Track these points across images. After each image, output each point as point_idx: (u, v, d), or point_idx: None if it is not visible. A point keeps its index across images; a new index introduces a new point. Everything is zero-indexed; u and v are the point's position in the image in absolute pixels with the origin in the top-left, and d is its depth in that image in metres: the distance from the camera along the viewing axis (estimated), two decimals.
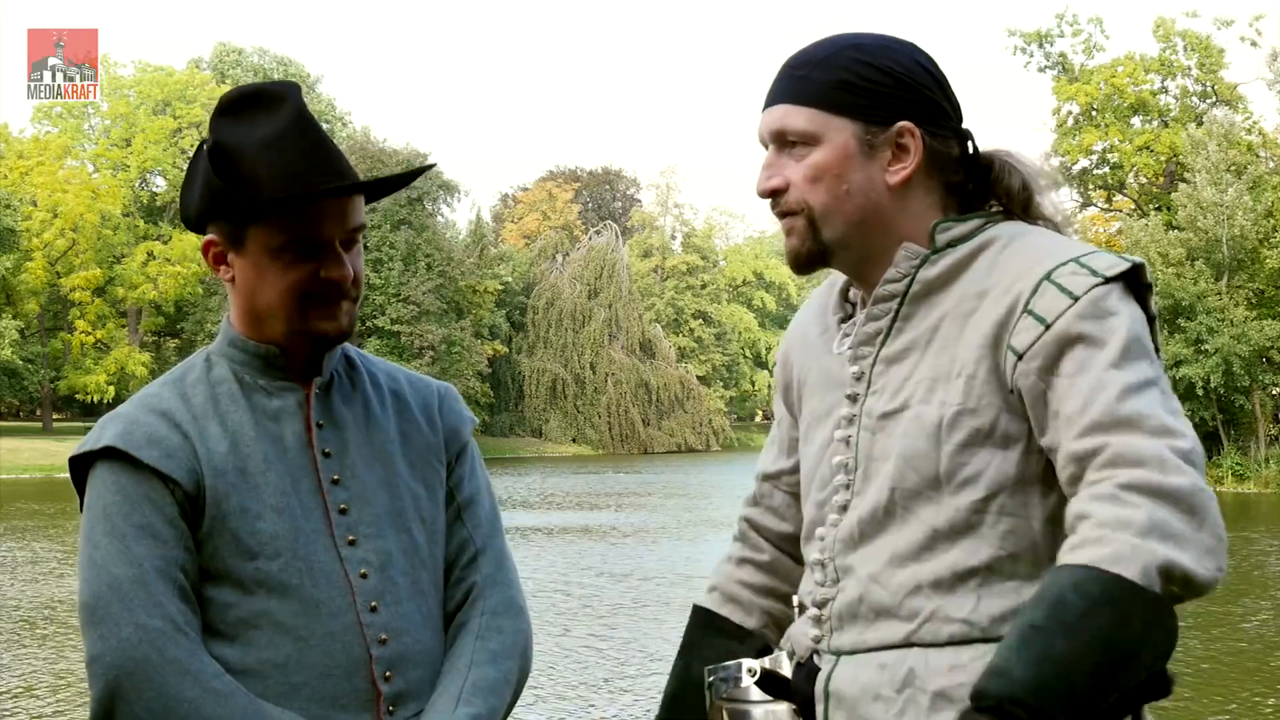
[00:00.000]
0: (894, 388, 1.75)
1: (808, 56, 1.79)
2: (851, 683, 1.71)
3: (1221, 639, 11.82)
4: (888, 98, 1.74)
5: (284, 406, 1.96)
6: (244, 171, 1.87)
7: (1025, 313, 1.65)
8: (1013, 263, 1.70)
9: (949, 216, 1.78)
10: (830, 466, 1.81)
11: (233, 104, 1.93)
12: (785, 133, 1.76)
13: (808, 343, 1.93)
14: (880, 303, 1.78)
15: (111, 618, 1.81)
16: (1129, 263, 1.66)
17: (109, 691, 1.80)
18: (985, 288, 1.70)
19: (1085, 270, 1.65)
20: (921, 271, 1.75)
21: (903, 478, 1.71)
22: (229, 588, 1.88)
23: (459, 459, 2.10)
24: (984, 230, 1.76)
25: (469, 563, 2.05)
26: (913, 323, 1.75)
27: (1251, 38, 42.66)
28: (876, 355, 1.78)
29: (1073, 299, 1.63)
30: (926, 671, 1.66)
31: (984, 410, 1.67)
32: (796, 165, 1.76)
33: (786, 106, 1.77)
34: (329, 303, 1.92)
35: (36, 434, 50.96)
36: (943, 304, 1.73)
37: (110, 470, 1.88)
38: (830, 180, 1.74)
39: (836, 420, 1.81)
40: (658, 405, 62.89)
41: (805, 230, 1.77)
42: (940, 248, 1.75)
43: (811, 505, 1.85)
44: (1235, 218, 35.28)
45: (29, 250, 51.73)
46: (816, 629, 1.79)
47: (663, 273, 74.63)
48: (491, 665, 1.98)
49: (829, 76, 1.75)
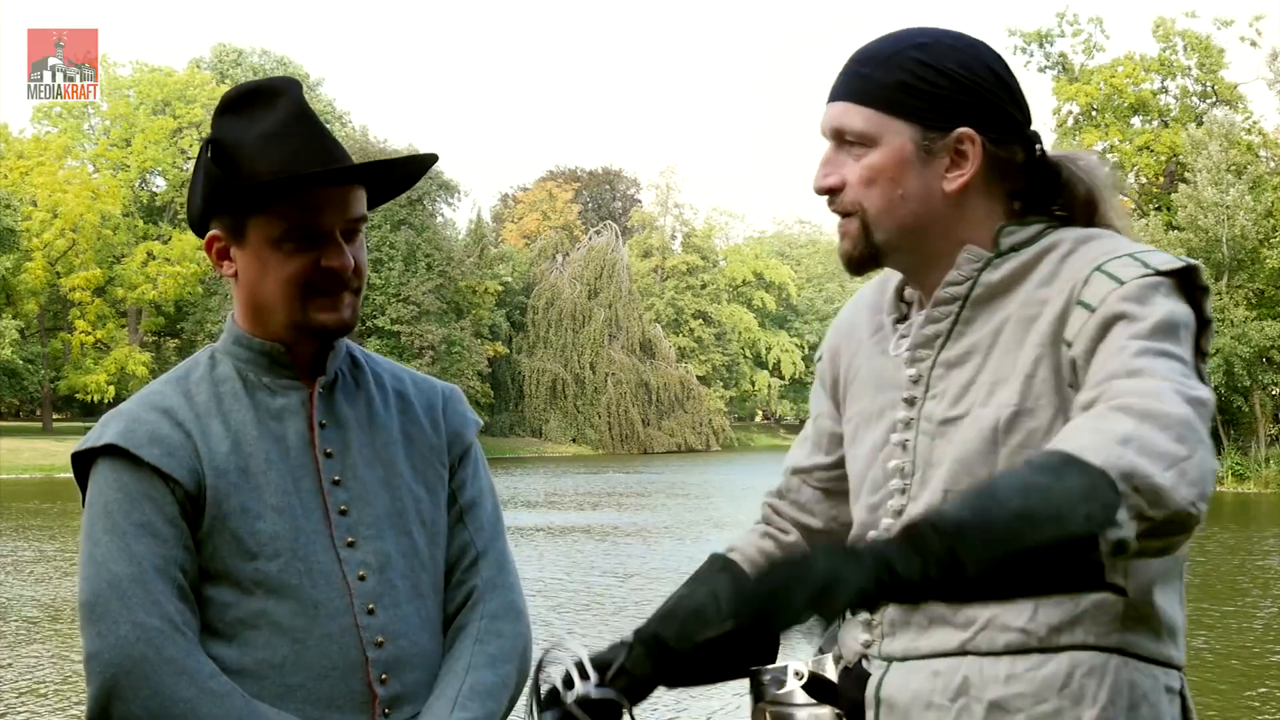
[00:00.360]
0: (955, 393, 1.71)
1: (872, 53, 1.74)
2: (903, 689, 1.69)
3: (1223, 637, 11.82)
4: (948, 102, 1.69)
5: (287, 405, 1.96)
6: (243, 164, 1.87)
7: (1077, 304, 1.62)
8: (1072, 265, 1.67)
9: (1013, 220, 1.74)
10: (885, 470, 1.78)
11: (233, 101, 1.94)
12: (843, 131, 1.72)
13: (858, 339, 1.89)
14: (940, 305, 1.74)
15: (110, 615, 1.80)
16: (1184, 262, 1.63)
17: (106, 689, 1.80)
18: (1048, 293, 1.67)
19: (1137, 262, 1.62)
20: (984, 275, 1.71)
21: (956, 481, 1.67)
22: (228, 588, 1.87)
23: (462, 461, 2.09)
24: (1047, 235, 1.72)
25: (470, 566, 2.04)
26: (974, 326, 1.72)
27: (1251, 38, 42.67)
28: (935, 358, 1.74)
29: (1119, 283, 1.60)
30: (982, 680, 1.64)
31: (1040, 411, 1.64)
32: (853, 165, 1.72)
33: (846, 104, 1.72)
34: (330, 293, 1.91)
35: (36, 434, 50.96)
36: (1005, 308, 1.70)
37: (112, 468, 1.88)
38: (885, 184, 1.70)
39: (891, 423, 1.78)
40: (658, 405, 62.90)
41: (858, 233, 1.73)
42: (1004, 251, 1.72)
43: (863, 508, 1.82)
44: (1236, 218, 35.28)
45: (29, 250, 51.73)
46: (867, 634, 1.77)
47: (663, 273, 74.64)
48: (489, 669, 1.97)
49: (889, 76, 1.70)
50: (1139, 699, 1.63)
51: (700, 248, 76.43)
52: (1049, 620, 1.63)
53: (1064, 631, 1.63)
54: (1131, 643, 1.64)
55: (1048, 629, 1.63)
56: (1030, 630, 1.63)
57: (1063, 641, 1.63)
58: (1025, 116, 1.75)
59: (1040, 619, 1.63)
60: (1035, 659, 1.62)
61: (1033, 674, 1.62)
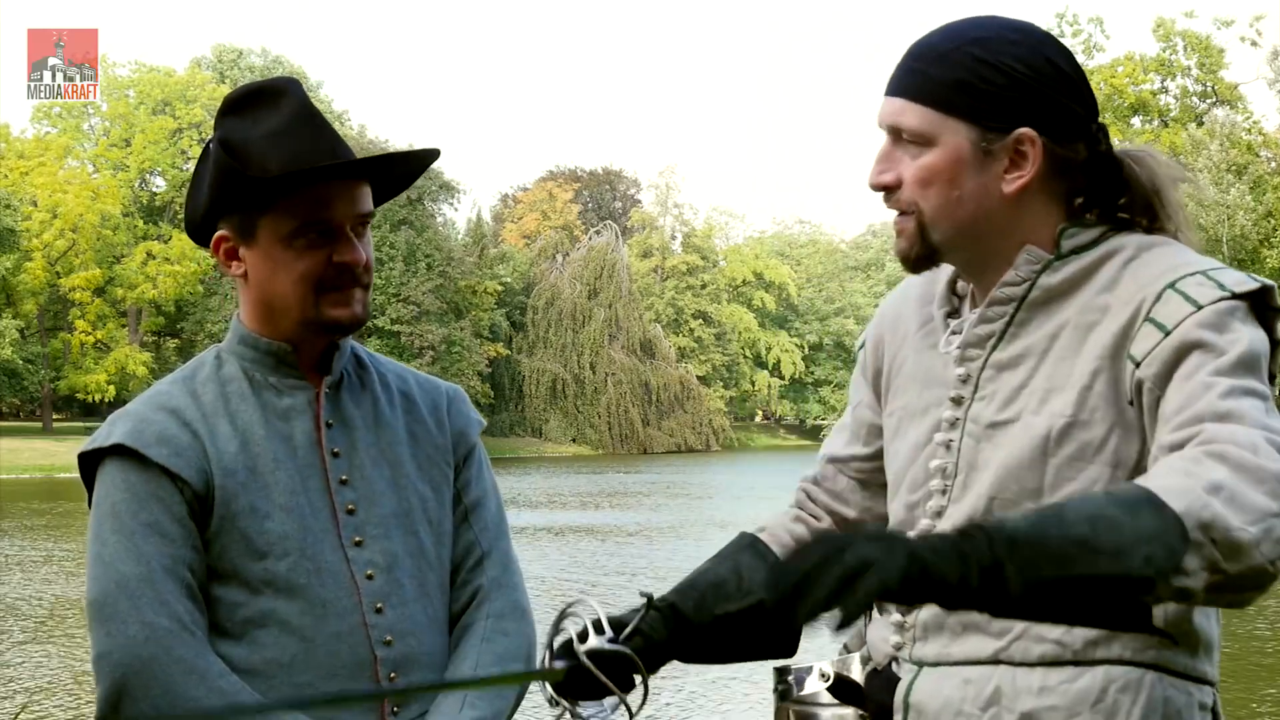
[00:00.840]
0: (1005, 396, 1.68)
1: (929, 47, 1.67)
2: (934, 695, 1.67)
3: (1230, 636, 11.82)
4: (1007, 102, 1.63)
5: (294, 405, 1.96)
6: (252, 162, 1.88)
7: (1147, 320, 1.57)
8: (1138, 275, 1.63)
9: (1075, 221, 1.69)
10: (926, 469, 1.74)
11: (236, 102, 1.94)
12: (899, 129, 1.67)
13: (904, 331, 1.85)
14: (995, 305, 1.70)
15: (119, 615, 1.81)
16: (1258, 283, 1.59)
17: (115, 689, 1.80)
18: (1109, 300, 1.63)
19: (1212, 283, 1.57)
20: (1043, 277, 1.67)
21: (1003, 488, 1.64)
22: (236, 587, 1.88)
23: (466, 461, 2.09)
24: (1108, 238, 1.68)
25: (475, 565, 2.05)
26: (1029, 329, 1.68)
27: (1251, 38, 42.68)
28: (986, 359, 1.70)
29: (1196, 307, 1.55)
30: (1014, 691, 1.62)
31: (1096, 424, 1.61)
32: (910, 163, 1.66)
33: (903, 102, 1.66)
34: (342, 288, 1.92)
35: (36, 434, 50.93)
36: (1063, 313, 1.66)
37: (119, 468, 1.88)
38: (941, 185, 1.64)
39: (936, 421, 1.74)
40: (658, 405, 62.86)
41: (915, 232, 1.68)
42: (1064, 254, 1.67)
43: (901, 506, 1.79)
44: (1236, 218, 35.29)
45: (29, 250, 51.71)
46: (898, 636, 1.75)
47: (663, 273, 74.61)
48: (496, 668, 1.98)
49: (947, 74, 1.64)
50: (1173, 715, 1.60)
51: (700, 248, 76.38)
52: (1085, 634, 1.60)
53: (1100, 645, 1.60)
54: (1168, 659, 1.60)
55: (1084, 642, 1.60)
56: (1066, 643, 1.60)
57: (1098, 655, 1.60)
58: (1089, 110, 1.69)
59: (1077, 632, 1.59)
60: (1069, 672, 1.60)
61: (1066, 687, 1.59)
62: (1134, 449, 1.60)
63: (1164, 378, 1.54)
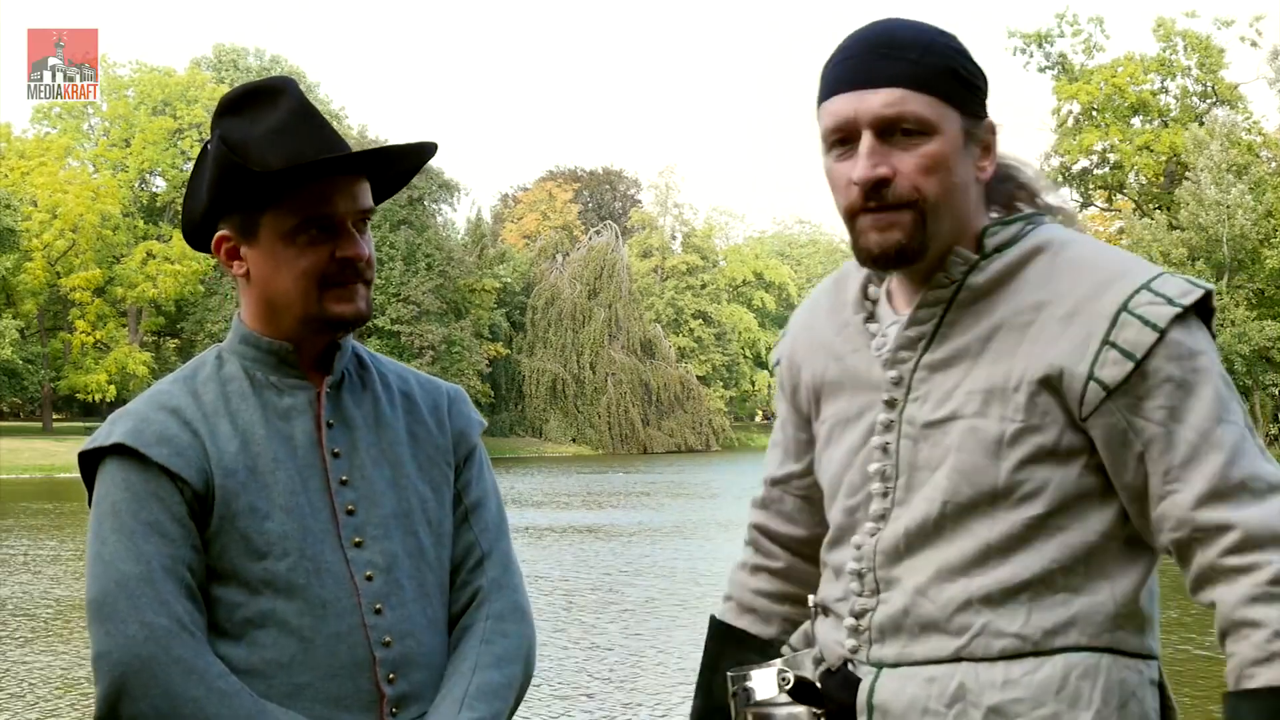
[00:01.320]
0: (939, 396, 1.70)
1: (903, 40, 1.68)
2: (898, 695, 1.69)
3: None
4: (982, 92, 1.71)
5: (295, 405, 1.96)
6: (253, 159, 1.88)
7: (1108, 345, 1.62)
8: (1073, 276, 1.66)
9: (994, 220, 1.74)
10: (864, 473, 1.77)
11: (234, 102, 1.94)
12: (903, 119, 1.66)
13: (822, 342, 1.87)
14: (925, 307, 1.73)
15: (118, 615, 1.81)
16: (1201, 290, 1.64)
17: (115, 689, 1.80)
18: (1042, 299, 1.66)
19: (1161, 299, 1.62)
20: (970, 278, 1.71)
21: (956, 491, 1.67)
22: (235, 587, 1.88)
23: (467, 461, 2.09)
24: (1028, 235, 1.72)
25: (475, 566, 2.05)
26: (959, 329, 1.71)
27: (1251, 38, 42.69)
28: (918, 361, 1.73)
29: (1157, 332, 1.61)
30: (979, 686, 1.64)
31: (1048, 427, 1.65)
32: (905, 155, 1.67)
33: (901, 91, 1.66)
34: (345, 284, 1.92)
35: (36, 434, 50.95)
36: (994, 313, 1.69)
37: (119, 467, 1.88)
38: (945, 172, 1.67)
39: (870, 425, 1.77)
40: (658, 405, 62.87)
41: (911, 224, 1.68)
42: (988, 253, 1.71)
43: (840, 511, 1.81)
44: (1236, 217, 35.31)
45: (29, 250, 51.73)
46: (854, 639, 1.76)
47: (663, 273, 74.63)
48: (495, 669, 1.98)
49: (941, 64, 1.67)
50: (1128, 695, 1.65)
51: (700, 248, 76.42)
52: (1043, 624, 1.64)
53: (1058, 634, 1.64)
54: (1120, 640, 1.66)
55: (1042, 633, 1.64)
56: (1025, 635, 1.64)
57: (1057, 644, 1.64)
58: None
59: (1034, 623, 1.64)
60: (1031, 663, 1.63)
61: (1029, 678, 1.63)
62: (1083, 443, 1.66)
63: (1133, 409, 1.62)
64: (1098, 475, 1.66)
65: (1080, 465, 1.66)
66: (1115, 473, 1.65)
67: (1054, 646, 1.64)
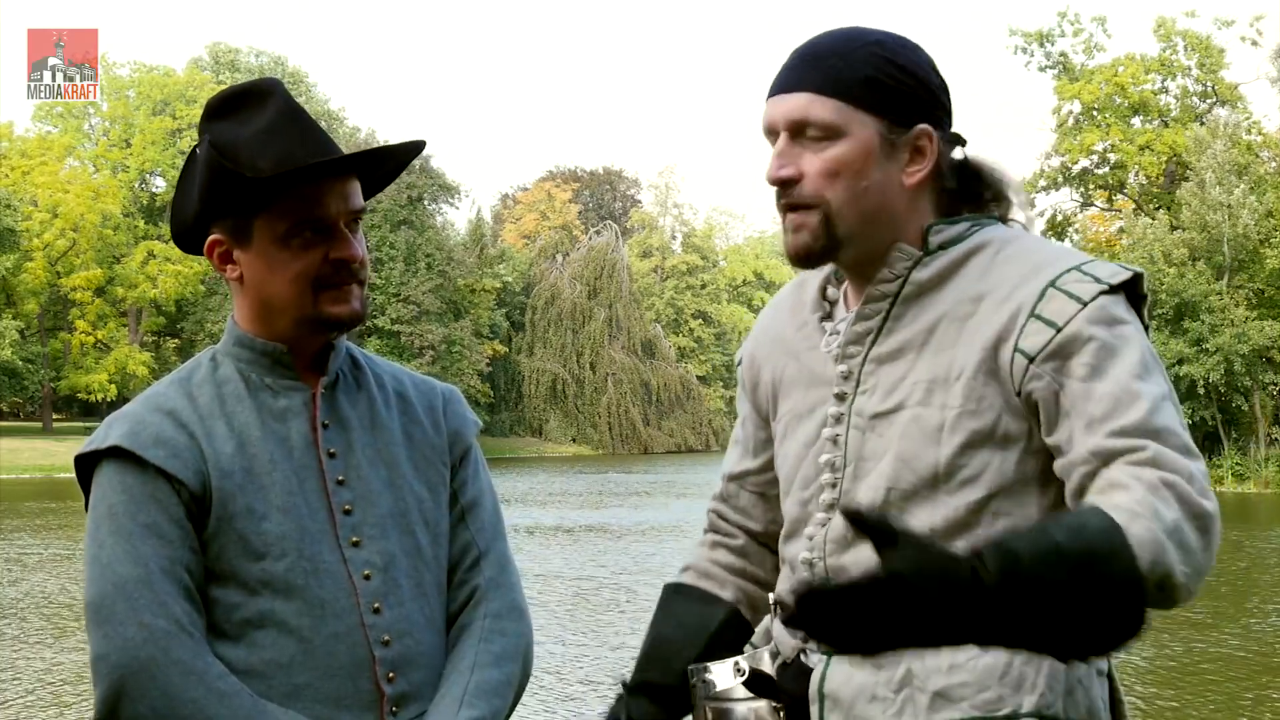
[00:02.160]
0: (886, 388, 1.74)
1: (828, 47, 1.75)
2: (846, 683, 1.72)
3: (1225, 639, 11.83)
4: (910, 98, 1.73)
5: (290, 406, 1.96)
6: (243, 163, 1.88)
7: (1033, 317, 1.65)
8: (1010, 267, 1.71)
9: (940, 219, 1.78)
10: (816, 465, 1.81)
11: (221, 105, 1.95)
12: (807, 123, 1.72)
13: (780, 341, 1.92)
14: (872, 302, 1.77)
15: (116, 617, 1.81)
16: (1130, 272, 1.68)
17: (114, 691, 1.80)
18: (982, 291, 1.71)
19: (1089, 278, 1.66)
20: (915, 273, 1.75)
21: (899, 478, 1.71)
22: (234, 588, 1.88)
23: (463, 461, 2.10)
24: (974, 233, 1.76)
25: (472, 565, 2.05)
26: (904, 323, 1.75)
27: (1252, 38, 42.67)
28: (866, 354, 1.77)
29: (1081, 304, 1.64)
30: (924, 671, 1.67)
31: (985, 412, 1.68)
32: (813, 157, 1.72)
33: (810, 96, 1.72)
34: (340, 285, 1.92)
35: (36, 434, 50.95)
36: (937, 306, 1.73)
37: (116, 469, 1.88)
38: (850, 176, 1.71)
39: (822, 418, 1.81)
40: (658, 405, 62.89)
41: (819, 225, 1.74)
42: (933, 249, 1.75)
43: (794, 503, 1.85)
44: (1239, 218, 35.31)
45: (29, 250, 51.72)
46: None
47: (663, 273, 74.66)
48: (494, 668, 1.98)
49: (855, 70, 1.71)
50: (1074, 683, 1.67)
51: (700, 248, 76.48)
52: None
53: None
54: None
55: None
56: None
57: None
58: (951, 117, 1.80)
59: None
60: (975, 649, 1.65)
61: (974, 663, 1.65)
62: (1022, 429, 1.68)
63: (1060, 371, 1.63)
64: (1036, 459, 1.68)
65: (1019, 451, 1.68)
66: (1047, 434, 1.66)
67: None
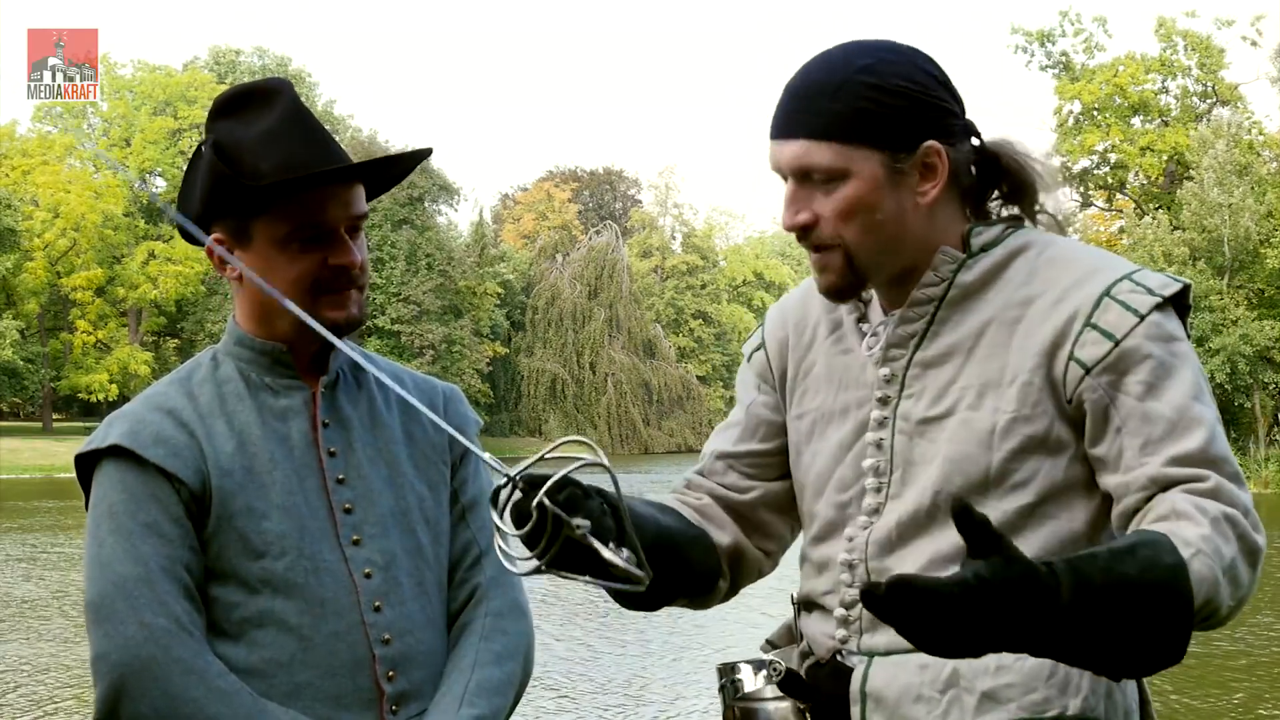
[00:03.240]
0: (935, 392, 1.73)
1: (816, 85, 1.71)
2: (891, 683, 1.71)
3: (1226, 638, 11.83)
4: (908, 121, 1.69)
5: (291, 405, 1.96)
6: (245, 165, 1.87)
7: (1089, 326, 1.66)
8: (1057, 271, 1.71)
9: (980, 221, 1.77)
10: (857, 469, 1.79)
11: (228, 104, 1.94)
12: (811, 170, 1.70)
13: (812, 335, 1.90)
14: (916, 306, 1.76)
15: (117, 616, 1.81)
16: (1179, 284, 1.69)
17: (114, 690, 1.80)
18: (1030, 295, 1.70)
19: (1142, 289, 1.67)
20: (960, 276, 1.74)
21: (948, 481, 1.70)
22: (234, 587, 1.88)
23: (463, 460, 2.10)
24: (1010, 234, 1.76)
25: (473, 564, 2.05)
26: (950, 326, 1.74)
27: (1252, 38, 42.69)
28: (911, 358, 1.76)
29: (1138, 316, 1.65)
30: (971, 672, 1.67)
31: (1038, 418, 1.67)
32: (825, 199, 1.71)
33: (805, 143, 1.70)
34: (338, 290, 1.92)
35: (36, 434, 50.95)
36: (983, 310, 1.72)
37: (116, 468, 1.88)
38: (864, 213, 1.69)
39: (862, 422, 1.79)
40: (658, 405, 62.89)
41: (842, 265, 1.73)
42: (975, 252, 1.75)
43: (829, 506, 1.83)
44: (1239, 218, 35.31)
45: (30, 250, 51.72)
46: (843, 629, 1.78)
47: (663, 273, 74.64)
48: (495, 666, 1.98)
49: (846, 107, 1.68)
50: (1113, 685, 1.69)
51: (700, 248, 76.43)
52: None
53: None
54: None
55: None
56: None
57: None
58: (962, 108, 1.77)
59: None
60: None
61: (1021, 664, 1.65)
62: (1071, 436, 1.68)
63: (1115, 386, 1.64)
64: (1084, 466, 1.69)
65: (1068, 456, 1.69)
66: (1091, 444, 1.67)
67: None
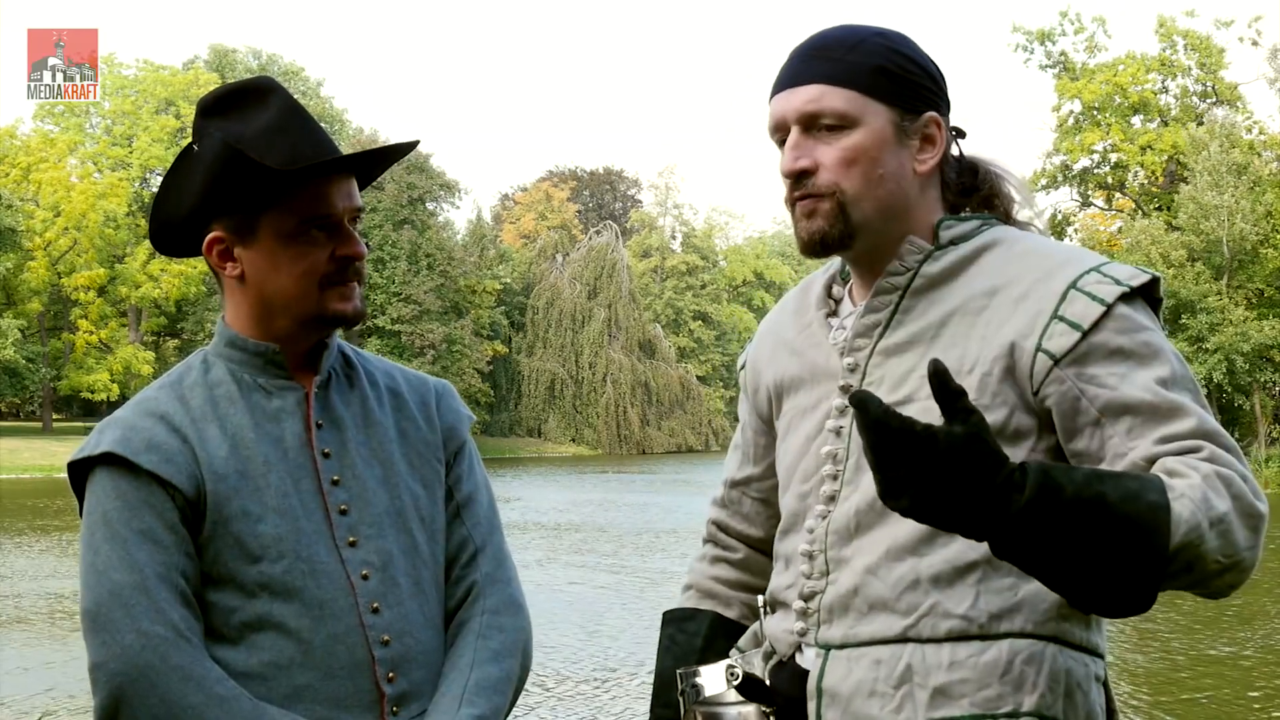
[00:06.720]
0: (895, 380, 1.75)
1: (835, 40, 1.78)
2: (845, 679, 1.71)
3: (1227, 636, 11.84)
4: (919, 88, 1.75)
5: (283, 406, 1.96)
6: (252, 159, 1.86)
7: (1056, 318, 1.66)
8: (1025, 264, 1.72)
9: (950, 215, 1.80)
10: (817, 457, 1.81)
11: (218, 102, 1.93)
12: (821, 114, 1.74)
13: (784, 343, 1.93)
14: (881, 295, 1.78)
15: (113, 624, 1.80)
16: (1148, 275, 1.70)
17: (113, 699, 1.79)
18: (995, 286, 1.71)
19: (1109, 279, 1.68)
20: (925, 266, 1.76)
21: None
22: (231, 591, 1.87)
23: (457, 457, 2.09)
24: (983, 231, 1.78)
25: (469, 561, 2.05)
26: (913, 316, 1.76)
27: (1252, 38, 42.67)
28: (874, 347, 1.78)
29: (1104, 306, 1.66)
30: (925, 667, 1.67)
31: (997, 408, 1.68)
32: (828, 148, 1.75)
33: (822, 87, 1.75)
34: (345, 282, 1.93)
35: (36, 434, 50.92)
36: (948, 300, 1.74)
37: (109, 476, 1.87)
38: (866, 164, 1.74)
39: (826, 411, 1.81)
40: (657, 405, 62.85)
41: (833, 212, 1.75)
42: (944, 244, 1.77)
43: (793, 497, 1.85)
44: (1235, 220, 35.31)
45: (31, 250, 51.69)
46: (802, 622, 1.79)
47: (662, 273, 74.65)
48: (493, 664, 1.98)
49: (866, 61, 1.74)
50: (1073, 686, 1.68)
51: (700, 248, 76.46)
52: (989, 608, 1.67)
53: (1004, 619, 1.67)
54: (1065, 631, 1.69)
55: (988, 616, 1.67)
56: (972, 617, 1.67)
57: (1002, 629, 1.66)
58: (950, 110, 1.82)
59: (981, 606, 1.67)
60: (976, 646, 1.66)
61: (974, 660, 1.66)
62: (1032, 425, 1.71)
63: (1084, 377, 1.65)
64: (1045, 457, 1.69)
65: (1028, 448, 1.69)
66: (1068, 440, 1.67)
67: (1000, 631, 1.66)
